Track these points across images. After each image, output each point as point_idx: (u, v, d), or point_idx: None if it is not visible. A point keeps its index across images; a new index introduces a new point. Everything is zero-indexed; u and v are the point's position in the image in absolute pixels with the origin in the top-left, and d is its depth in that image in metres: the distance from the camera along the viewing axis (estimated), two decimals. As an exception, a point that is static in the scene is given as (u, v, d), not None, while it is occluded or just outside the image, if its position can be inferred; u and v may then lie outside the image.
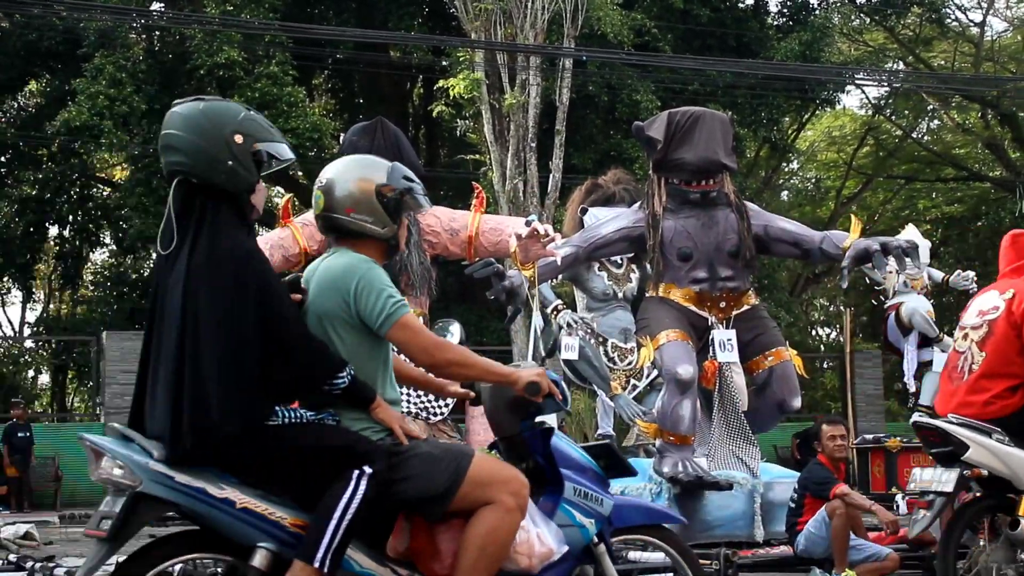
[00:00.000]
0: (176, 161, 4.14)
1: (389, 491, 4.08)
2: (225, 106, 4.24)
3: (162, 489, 3.90)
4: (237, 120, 4.15)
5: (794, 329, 27.07)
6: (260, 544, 3.98)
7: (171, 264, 4.06)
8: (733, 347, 8.04)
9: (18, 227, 25.14)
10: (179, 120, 4.16)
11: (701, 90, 25.41)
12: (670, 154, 8.15)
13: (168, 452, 3.93)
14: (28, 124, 27.70)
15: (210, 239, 4.04)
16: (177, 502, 3.93)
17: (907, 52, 32.93)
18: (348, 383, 4.12)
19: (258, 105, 22.47)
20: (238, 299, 4.00)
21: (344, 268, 4.25)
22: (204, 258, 4.01)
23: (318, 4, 27.64)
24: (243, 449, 3.99)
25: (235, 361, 3.96)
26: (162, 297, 4.10)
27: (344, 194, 4.43)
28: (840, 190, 33.81)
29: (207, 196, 4.12)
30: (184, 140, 4.10)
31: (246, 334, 3.98)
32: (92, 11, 23.14)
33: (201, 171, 4.11)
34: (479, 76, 21.37)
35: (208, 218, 4.08)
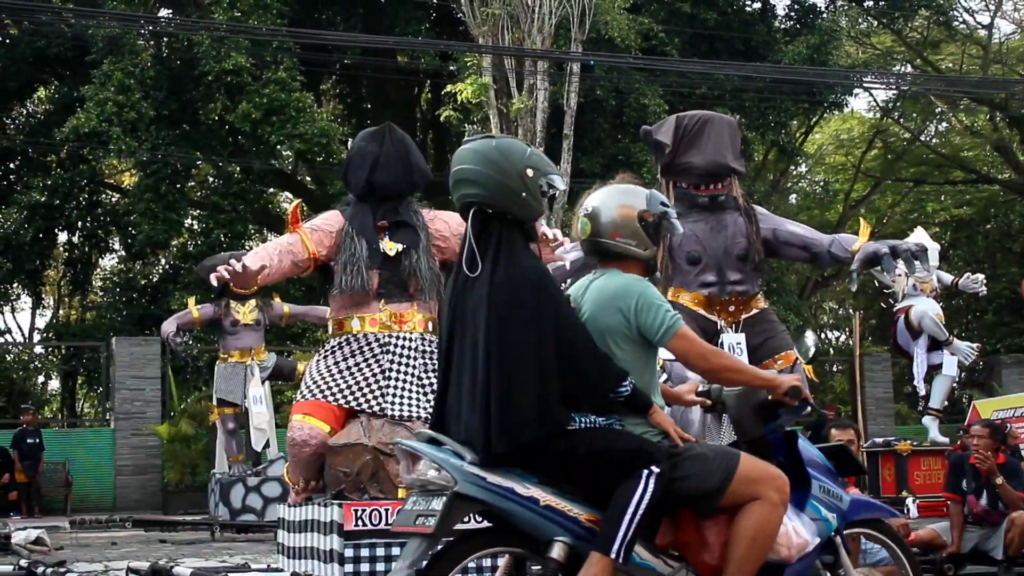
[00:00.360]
0: (473, 193, 4.56)
1: (669, 488, 4.43)
2: (513, 143, 4.69)
3: (475, 489, 4.30)
4: (526, 156, 4.59)
5: (803, 332, 26.99)
6: (557, 538, 4.34)
7: (472, 285, 4.49)
8: (743, 351, 8.02)
9: (27, 233, 25.15)
10: (474, 156, 4.57)
11: (709, 94, 25.40)
12: (678, 158, 8.14)
13: (480, 455, 4.33)
14: (37, 131, 27.74)
15: (508, 262, 4.46)
16: (487, 500, 4.33)
17: (915, 55, 32.90)
18: (630, 391, 4.49)
19: (266, 111, 22.55)
20: (538, 316, 4.41)
21: (621, 287, 4.64)
22: (505, 279, 4.43)
23: (325, 10, 27.67)
24: (546, 452, 4.39)
25: (539, 372, 4.35)
26: (462, 313, 4.53)
27: (608, 220, 4.85)
28: (848, 193, 33.78)
29: (501, 224, 4.55)
30: (481, 174, 4.52)
31: (546, 348, 4.38)
32: (100, 18, 23.19)
33: (498, 202, 4.54)
34: (487, 81, 21.39)
35: (504, 243, 4.50)
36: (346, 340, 6.80)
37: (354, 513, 6.20)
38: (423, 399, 6.65)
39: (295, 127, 22.50)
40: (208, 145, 26.21)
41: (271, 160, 24.72)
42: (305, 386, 6.78)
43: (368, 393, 6.61)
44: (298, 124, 22.54)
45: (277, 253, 6.71)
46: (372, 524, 6.21)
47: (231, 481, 15.01)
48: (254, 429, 14.86)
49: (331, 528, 6.31)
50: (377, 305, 6.79)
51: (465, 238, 4.55)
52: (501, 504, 4.34)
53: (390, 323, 6.78)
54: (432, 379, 6.70)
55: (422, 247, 6.86)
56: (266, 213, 28.68)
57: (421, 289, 6.83)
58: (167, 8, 27.35)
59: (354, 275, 6.72)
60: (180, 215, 25.12)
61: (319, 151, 23.66)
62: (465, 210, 4.60)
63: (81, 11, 23.96)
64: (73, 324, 30.41)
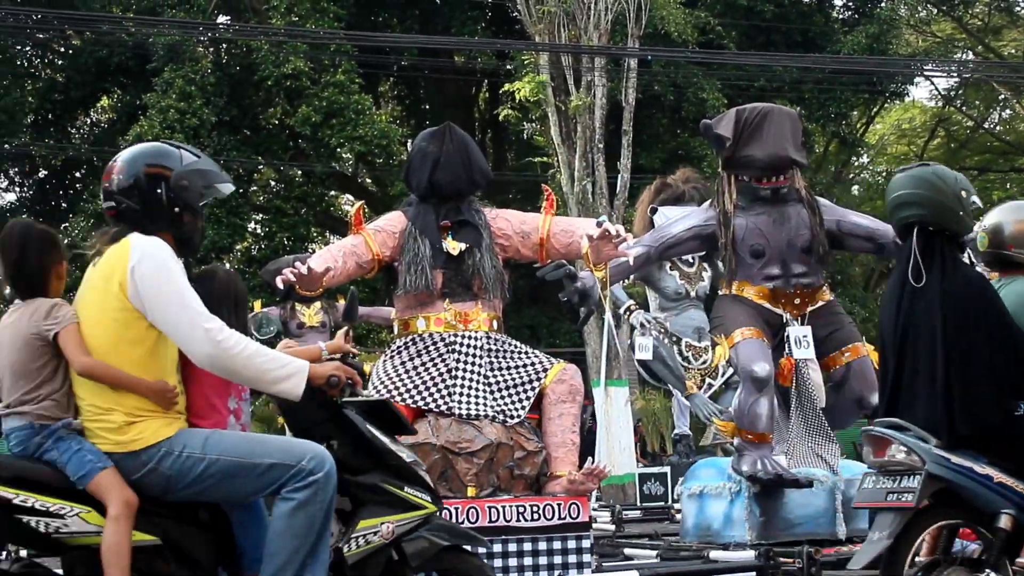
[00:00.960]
0: (916, 214, 5.42)
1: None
2: (945, 169, 5.50)
3: (941, 468, 5.02)
4: (957, 180, 5.43)
5: (870, 324, 26.75)
6: (1004, 510, 5.03)
7: (919, 294, 5.25)
8: (809, 344, 7.97)
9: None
10: (915, 181, 5.42)
11: (767, 86, 25.24)
12: (739, 151, 8.10)
13: (944, 439, 5.09)
14: (101, 139, 28.10)
15: (953, 273, 5.26)
16: (950, 478, 5.03)
17: (976, 42, 32.51)
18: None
19: (325, 114, 22.69)
20: (985, 318, 5.21)
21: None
22: (953, 288, 5.21)
23: (382, 12, 27.78)
24: (999, 434, 5.12)
25: (991, 365, 5.12)
26: (913, 319, 5.31)
27: (1008, 234, 5.66)
28: (912, 183, 33.41)
29: (942, 240, 5.38)
30: (923, 197, 5.36)
31: (995, 344, 5.15)
32: (160, 26, 23.44)
33: (939, 220, 5.38)
34: (544, 79, 21.38)
35: (948, 257, 5.31)
36: (412, 340, 6.82)
37: (423, 512, 6.21)
38: (489, 398, 6.64)
39: (355, 129, 22.61)
40: (269, 149, 26.43)
41: (332, 163, 24.87)
42: (372, 387, 6.80)
43: (435, 392, 6.62)
44: (358, 126, 22.65)
45: (341, 255, 6.73)
46: (441, 523, 6.21)
47: (299, 483, 15.10)
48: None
49: (401, 527, 6.32)
50: (442, 305, 6.80)
51: (911, 254, 5.31)
52: (960, 481, 5.03)
53: (455, 322, 6.78)
54: (498, 378, 6.70)
55: (485, 246, 6.86)
56: (328, 216, 28.84)
57: (485, 288, 6.83)
58: (226, 15, 27.60)
59: (418, 275, 6.73)
60: (243, 220, 25.34)
61: (379, 152, 23.78)
62: (907, 229, 5.43)
63: (142, 20, 24.22)
64: (140, 330, 30.75)
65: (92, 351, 4.21)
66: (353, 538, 4.49)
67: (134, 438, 4.19)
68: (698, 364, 10.20)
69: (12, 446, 4.23)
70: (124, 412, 4.20)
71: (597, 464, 6.56)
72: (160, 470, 4.19)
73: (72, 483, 4.10)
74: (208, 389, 4.48)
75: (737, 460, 8.02)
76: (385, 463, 4.65)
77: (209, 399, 4.49)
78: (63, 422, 4.19)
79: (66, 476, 4.12)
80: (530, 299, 25.30)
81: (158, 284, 4.21)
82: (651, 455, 17.66)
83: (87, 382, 4.23)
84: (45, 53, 27.70)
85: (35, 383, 4.22)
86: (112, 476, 4.12)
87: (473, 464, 6.38)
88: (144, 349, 4.25)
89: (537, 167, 24.55)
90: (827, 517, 8.11)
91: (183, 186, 4.43)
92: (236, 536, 4.42)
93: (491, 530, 6.19)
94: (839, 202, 15.05)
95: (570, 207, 20.61)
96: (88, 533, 4.07)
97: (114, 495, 4.07)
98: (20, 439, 4.20)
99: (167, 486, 4.21)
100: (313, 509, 4.24)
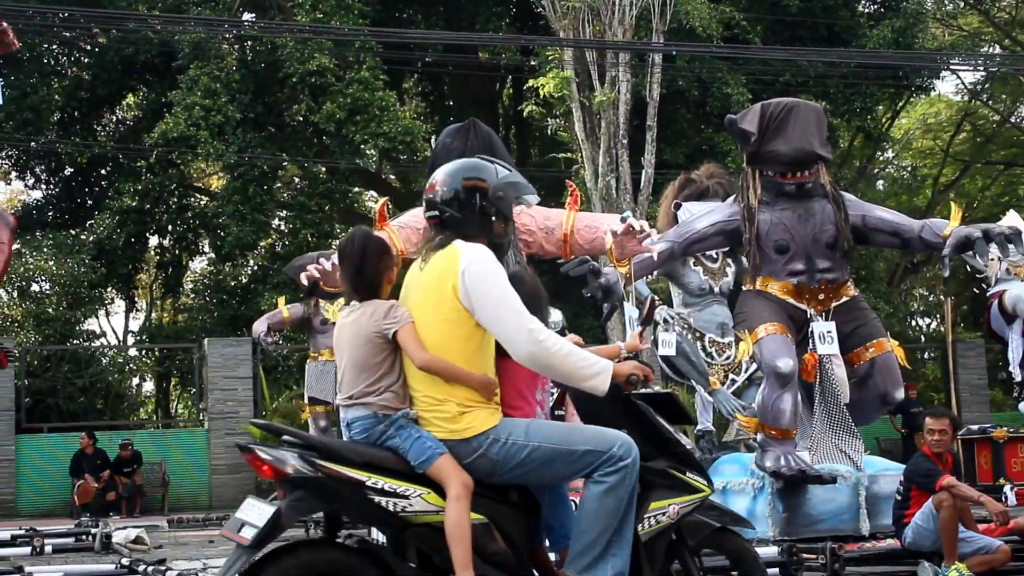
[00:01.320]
0: None
1: None
2: None
3: None
4: None
5: (894, 320, 26.70)
6: None
7: None
8: (833, 339, 7.96)
9: (120, 238, 25.56)
10: None
11: (793, 81, 25.16)
12: (764, 146, 8.10)
13: None
14: (127, 137, 28.25)
15: None
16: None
17: (1003, 35, 32.32)
18: None
19: (350, 111, 22.74)
20: None
21: None
22: None
23: (406, 8, 27.82)
24: None
25: None
26: None
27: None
28: (937, 178, 33.27)
29: None
30: None
31: None
32: (186, 24, 23.54)
33: None
34: (568, 74, 21.37)
35: None
36: (436, 336, 6.84)
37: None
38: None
39: (379, 126, 22.66)
40: (294, 146, 26.49)
41: (356, 159, 24.93)
42: (396, 382, 6.82)
43: (459, 388, 6.64)
44: (382, 123, 22.70)
45: (365, 251, 6.75)
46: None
47: (324, 478, 15.14)
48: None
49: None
50: (465, 301, 6.81)
51: None
52: None
53: (479, 318, 6.80)
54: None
55: (509, 241, 6.87)
56: (352, 212, 28.90)
57: (509, 283, 6.84)
58: (251, 12, 27.68)
59: (442, 271, 6.75)
60: (268, 216, 25.43)
61: (403, 149, 23.82)
62: None
63: (167, 17, 24.32)
64: (166, 326, 30.89)
65: (427, 347, 4.62)
66: (645, 518, 4.82)
67: (466, 426, 4.59)
68: (721, 360, 10.19)
69: (355, 433, 4.68)
70: (456, 403, 4.60)
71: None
72: (488, 455, 4.57)
73: (412, 467, 4.53)
74: (520, 382, 4.87)
75: (760, 456, 8.03)
76: (670, 450, 5.03)
77: (521, 391, 4.87)
78: (403, 412, 4.62)
79: (406, 461, 4.55)
80: (553, 295, 25.26)
81: (486, 287, 4.59)
82: (675, 451, 17.64)
83: (422, 375, 4.65)
84: (71, 51, 27.84)
85: (376, 376, 4.66)
86: (449, 461, 4.53)
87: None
88: (472, 346, 4.65)
89: (561, 163, 24.56)
90: (850, 513, 8.12)
91: (499, 197, 4.90)
92: (545, 515, 4.82)
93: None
94: (864, 197, 14.99)
95: (594, 203, 20.60)
96: (429, 512, 4.48)
97: (453, 478, 4.48)
98: (364, 427, 4.65)
99: (492, 470, 4.59)
100: (621, 492, 4.60)
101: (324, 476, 4.42)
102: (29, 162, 28.39)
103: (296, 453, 4.45)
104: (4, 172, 30.66)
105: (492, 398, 4.70)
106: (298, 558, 4.40)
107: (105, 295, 29.20)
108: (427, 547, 4.54)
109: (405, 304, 4.75)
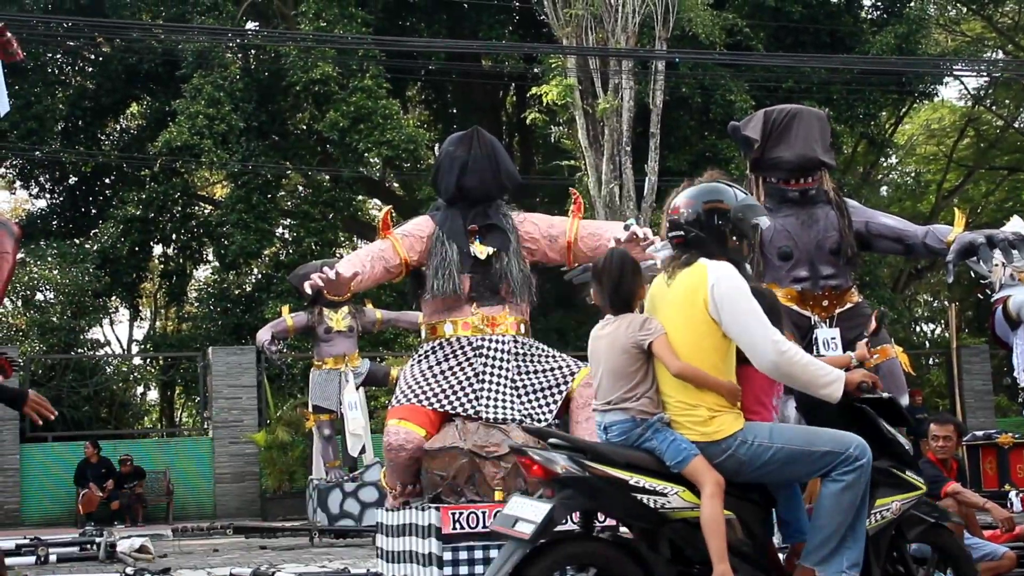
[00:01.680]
0: None
1: None
2: None
3: None
4: None
5: (898, 326, 26.69)
6: None
7: None
8: (837, 345, 7.94)
9: (124, 247, 25.58)
10: None
11: (796, 87, 25.16)
12: (767, 153, 8.08)
13: None
14: (131, 146, 28.28)
15: None
16: None
17: (1006, 40, 32.32)
18: None
19: (353, 119, 22.76)
20: None
21: None
22: None
23: (410, 17, 27.85)
24: None
25: None
26: None
27: None
28: (941, 183, 33.27)
29: None
30: None
31: None
32: (189, 33, 23.57)
33: None
34: (571, 82, 21.39)
35: None
36: (439, 344, 6.84)
37: (452, 516, 6.23)
38: (517, 402, 6.66)
39: (382, 134, 22.68)
40: (297, 155, 26.52)
41: (359, 168, 24.94)
42: (400, 391, 6.83)
43: (462, 396, 6.64)
44: (385, 131, 22.72)
45: (369, 260, 6.77)
46: (470, 527, 6.23)
47: (328, 487, 15.14)
48: (350, 435, 14.97)
49: (429, 532, 6.35)
50: (469, 309, 6.82)
51: None
52: None
53: (482, 326, 6.80)
54: (525, 382, 6.71)
55: (512, 250, 6.87)
56: (356, 220, 28.92)
57: (512, 292, 6.84)
58: (254, 21, 27.72)
59: (446, 279, 6.76)
60: (271, 225, 25.44)
61: (407, 157, 23.84)
62: None
63: (171, 27, 24.37)
64: (170, 335, 30.88)
65: (679, 356, 4.99)
66: (872, 514, 5.14)
67: (716, 429, 4.95)
68: (726, 367, 10.18)
69: (612, 436, 5.06)
70: (707, 408, 4.98)
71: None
72: (736, 456, 4.94)
73: (667, 467, 4.91)
74: (759, 389, 5.24)
75: (765, 462, 8.00)
76: (891, 450, 5.33)
77: (759, 397, 5.25)
78: (658, 416, 5.00)
79: (662, 461, 4.92)
80: (557, 302, 25.29)
81: (735, 301, 4.99)
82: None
83: (674, 381, 5.02)
84: (75, 60, 27.88)
85: (632, 384, 5.05)
86: (703, 461, 4.89)
87: (500, 468, 6.39)
88: (719, 355, 5.03)
89: (564, 170, 24.56)
90: (857, 519, 8.07)
91: (739, 218, 5.33)
92: (781, 511, 5.18)
93: (519, 533, 6.20)
94: (868, 203, 14.98)
95: (597, 210, 20.60)
96: (685, 508, 4.87)
97: (708, 477, 4.84)
98: (622, 430, 5.02)
99: (739, 470, 4.95)
100: (856, 490, 4.96)
101: (591, 475, 4.82)
102: (33, 171, 28.44)
103: (565, 454, 4.86)
104: (8, 181, 30.67)
105: (736, 403, 5.05)
106: (564, 550, 4.81)
107: (109, 304, 29.21)
108: (681, 541, 4.91)
109: (654, 316, 5.15)
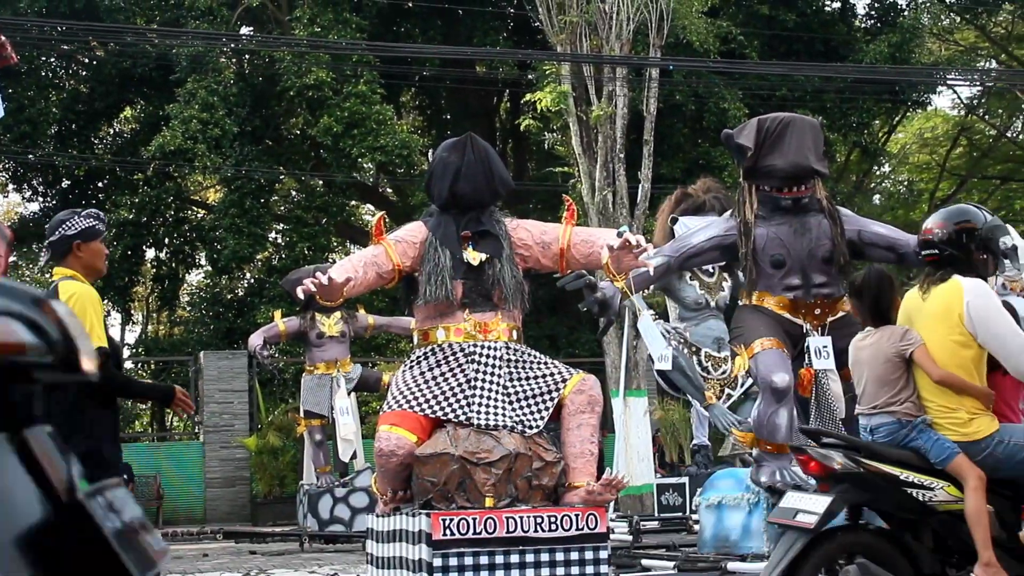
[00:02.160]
0: None
1: None
2: None
3: None
4: None
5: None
6: None
7: None
8: (829, 354, 7.95)
9: (116, 251, 25.52)
10: None
11: (789, 96, 25.21)
12: (761, 161, 8.09)
13: None
14: (124, 150, 28.25)
15: None
16: None
17: (999, 50, 32.42)
18: None
19: (347, 124, 22.76)
20: None
21: None
22: None
23: (404, 23, 27.86)
24: None
25: None
26: None
27: None
28: (934, 192, 33.33)
29: None
30: None
31: None
32: (183, 37, 23.56)
33: None
34: (566, 89, 21.39)
35: None
36: (431, 350, 6.84)
37: (442, 522, 6.23)
38: (508, 408, 6.65)
39: (376, 139, 22.67)
40: (291, 160, 26.51)
41: (353, 173, 24.94)
42: (391, 396, 6.82)
43: (454, 402, 6.63)
44: (379, 136, 22.71)
45: (362, 265, 6.76)
46: (460, 533, 6.23)
47: (319, 492, 15.13)
48: (341, 440, 14.96)
49: (419, 538, 6.34)
50: (462, 315, 6.81)
51: None
52: None
53: (475, 333, 6.79)
54: (517, 388, 6.71)
55: (505, 256, 6.87)
56: (349, 226, 28.91)
57: (505, 298, 6.84)
58: (248, 26, 27.71)
59: (438, 285, 6.75)
60: (264, 229, 25.43)
61: (400, 163, 23.85)
62: None
63: (165, 31, 24.35)
64: (162, 339, 30.86)
65: (938, 364, 5.54)
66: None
67: (975, 430, 5.51)
68: (717, 374, 10.18)
69: (878, 437, 5.64)
70: (966, 411, 5.54)
71: (615, 475, 6.55)
72: (994, 454, 5.47)
73: (931, 464, 5.44)
74: (1007, 394, 5.75)
75: (756, 471, 8.01)
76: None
77: (1007, 401, 5.75)
78: (922, 418, 5.56)
79: (925, 459, 5.46)
80: (550, 309, 25.31)
81: (989, 315, 5.56)
82: (669, 466, 17.63)
83: (934, 387, 5.58)
84: (69, 64, 27.86)
85: (896, 389, 5.64)
86: (965, 459, 5.40)
87: (491, 474, 6.38)
88: (974, 363, 5.58)
89: (558, 177, 24.57)
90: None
91: (987, 237, 5.87)
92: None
93: (508, 541, 6.20)
94: (860, 212, 15.02)
95: (591, 217, 20.60)
96: (950, 501, 5.39)
97: (971, 473, 5.35)
98: (888, 431, 5.62)
99: (995, 467, 5.46)
100: None
101: (866, 471, 5.36)
102: (26, 175, 28.38)
103: (840, 452, 5.40)
104: (1, 185, 30.63)
105: (991, 407, 5.57)
106: (839, 540, 5.35)
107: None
108: (945, 532, 5.40)
109: (911, 328, 5.70)
